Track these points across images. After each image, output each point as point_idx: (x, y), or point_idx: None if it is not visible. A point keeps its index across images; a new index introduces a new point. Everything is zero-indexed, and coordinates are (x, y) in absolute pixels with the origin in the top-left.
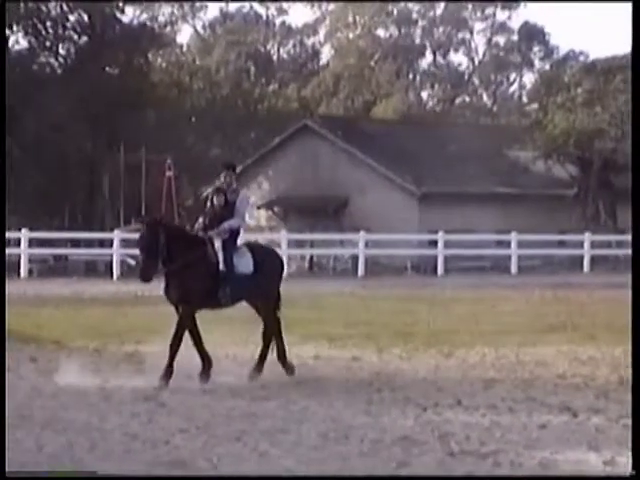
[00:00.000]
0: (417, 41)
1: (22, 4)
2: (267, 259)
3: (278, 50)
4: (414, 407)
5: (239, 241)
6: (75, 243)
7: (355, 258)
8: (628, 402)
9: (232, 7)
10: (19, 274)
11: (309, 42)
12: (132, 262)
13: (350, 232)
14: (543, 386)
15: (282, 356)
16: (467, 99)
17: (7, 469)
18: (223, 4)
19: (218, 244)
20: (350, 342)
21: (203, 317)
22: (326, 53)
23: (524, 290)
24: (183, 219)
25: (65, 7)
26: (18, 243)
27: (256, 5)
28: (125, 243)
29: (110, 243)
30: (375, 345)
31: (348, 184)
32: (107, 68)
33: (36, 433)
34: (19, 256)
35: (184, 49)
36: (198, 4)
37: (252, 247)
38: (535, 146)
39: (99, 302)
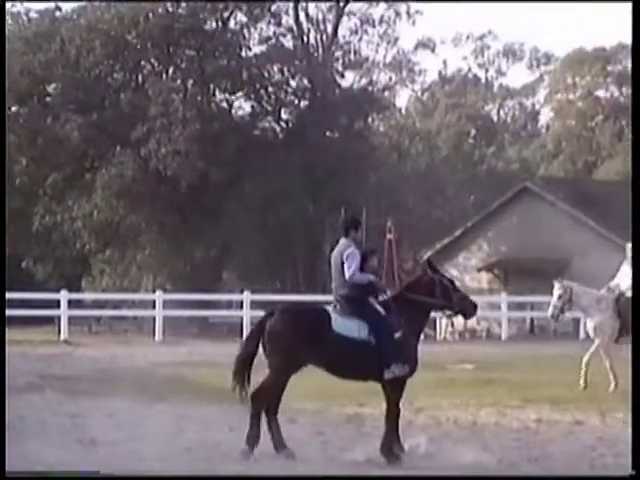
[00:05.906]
0: None
1: (244, 71)
2: None
3: (498, 112)
4: None
5: None
6: None
7: (577, 321)
8: None
9: (450, 70)
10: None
11: (528, 103)
12: None
13: None
14: None
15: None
16: None
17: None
18: (442, 67)
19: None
20: (572, 405)
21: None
22: (545, 114)
23: None
24: (403, 282)
25: (286, 72)
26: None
27: (475, 67)
28: None
29: None
30: (598, 409)
31: (570, 246)
32: (328, 132)
33: None
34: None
35: (403, 112)
36: (417, 68)
37: None
38: None
39: None
